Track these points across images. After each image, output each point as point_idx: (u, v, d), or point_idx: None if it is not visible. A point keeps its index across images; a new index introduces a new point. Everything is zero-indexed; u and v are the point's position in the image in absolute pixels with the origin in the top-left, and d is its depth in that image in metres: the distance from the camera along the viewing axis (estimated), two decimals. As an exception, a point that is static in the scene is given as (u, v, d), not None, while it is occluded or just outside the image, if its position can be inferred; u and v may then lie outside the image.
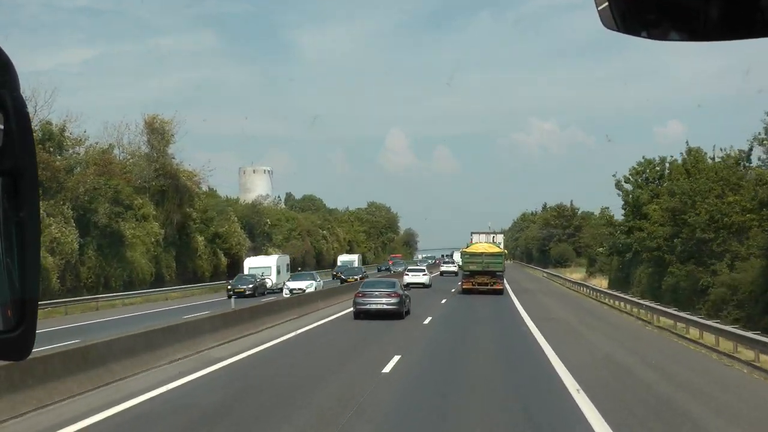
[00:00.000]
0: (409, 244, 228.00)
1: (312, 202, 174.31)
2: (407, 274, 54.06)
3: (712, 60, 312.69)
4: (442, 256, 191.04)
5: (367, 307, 28.72)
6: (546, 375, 15.81)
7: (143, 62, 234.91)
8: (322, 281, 51.16)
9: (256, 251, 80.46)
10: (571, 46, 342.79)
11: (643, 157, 44.64)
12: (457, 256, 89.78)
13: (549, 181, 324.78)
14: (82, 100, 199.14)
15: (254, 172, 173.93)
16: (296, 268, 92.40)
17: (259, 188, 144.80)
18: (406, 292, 32.06)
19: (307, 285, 46.31)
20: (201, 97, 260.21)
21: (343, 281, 58.37)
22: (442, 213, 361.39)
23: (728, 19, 1.55)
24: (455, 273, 71.66)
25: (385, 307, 28.65)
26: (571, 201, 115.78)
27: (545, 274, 78.32)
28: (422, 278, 53.42)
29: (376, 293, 29.31)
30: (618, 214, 53.28)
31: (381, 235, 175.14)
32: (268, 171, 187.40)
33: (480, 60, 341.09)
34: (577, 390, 13.58)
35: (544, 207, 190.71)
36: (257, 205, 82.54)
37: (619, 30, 1.59)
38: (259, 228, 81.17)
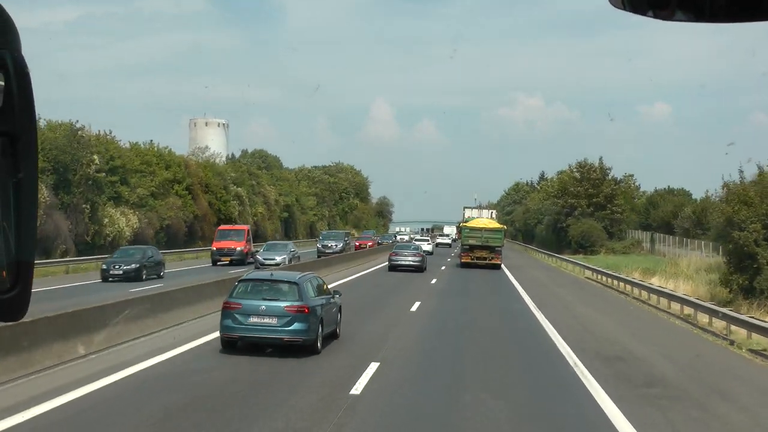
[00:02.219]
0: (382, 214, 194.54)
1: (263, 158, 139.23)
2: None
3: (705, 41, 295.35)
4: (425, 228, 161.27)
5: (399, 262, 41.50)
6: None
7: (127, 24, 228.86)
8: None
9: (68, 210, 44.71)
10: (564, 21, 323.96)
11: None
12: (447, 230, 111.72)
13: (534, 156, 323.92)
14: (67, 60, 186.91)
15: (206, 124, 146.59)
16: (164, 243, 57.26)
17: (211, 143, 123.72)
18: (424, 254, 44.68)
19: None
20: (187, 61, 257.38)
21: None
22: (422, 184, 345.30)
23: (736, 0, 1.54)
24: (449, 245, 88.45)
25: (411, 263, 41.24)
26: (600, 158, 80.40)
27: (590, 273, 42.07)
28: (426, 247, 61.09)
29: (405, 253, 42.86)
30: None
31: (341, 200, 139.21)
32: (223, 124, 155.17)
33: (469, 33, 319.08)
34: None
35: (542, 176, 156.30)
36: (77, 132, 46.13)
37: (625, 9, 1.57)
38: (81, 171, 45.29)
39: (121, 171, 52.02)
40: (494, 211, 56.32)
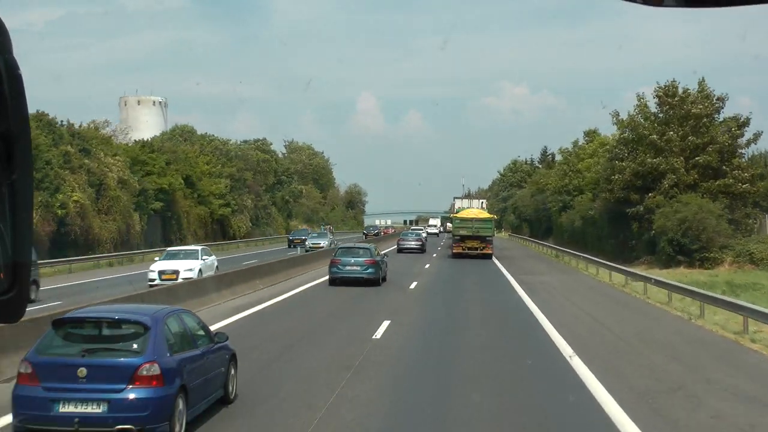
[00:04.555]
0: (352, 204, 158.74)
1: (188, 135, 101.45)
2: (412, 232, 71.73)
3: (681, 27, 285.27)
4: (410, 220, 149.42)
5: (405, 246, 54.36)
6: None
7: (109, 23, 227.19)
8: None
9: None
10: (550, 11, 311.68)
11: None
12: (433, 221, 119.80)
13: (520, 145, 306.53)
14: (50, 60, 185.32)
15: (139, 103, 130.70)
16: None
17: (145, 124, 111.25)
18: (424, 239, 60.38)
19: None
20: (170, 59, 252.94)
21: None
22: (407, 175, 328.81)
23: None
24: (437, 234, 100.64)
25: (414, 246, 54.10)
26: (702, 79, 42.94)
27: None
28: (423, 234, 67.22)
29: (409, 239, 56.27)
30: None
31: (281, 186, 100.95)
32: (160, 102, 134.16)
33: (454, 23, 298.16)
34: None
35: (544, 152, 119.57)
36: None
37: None
38: None
39: None
40: (484, 201, 57.92)
